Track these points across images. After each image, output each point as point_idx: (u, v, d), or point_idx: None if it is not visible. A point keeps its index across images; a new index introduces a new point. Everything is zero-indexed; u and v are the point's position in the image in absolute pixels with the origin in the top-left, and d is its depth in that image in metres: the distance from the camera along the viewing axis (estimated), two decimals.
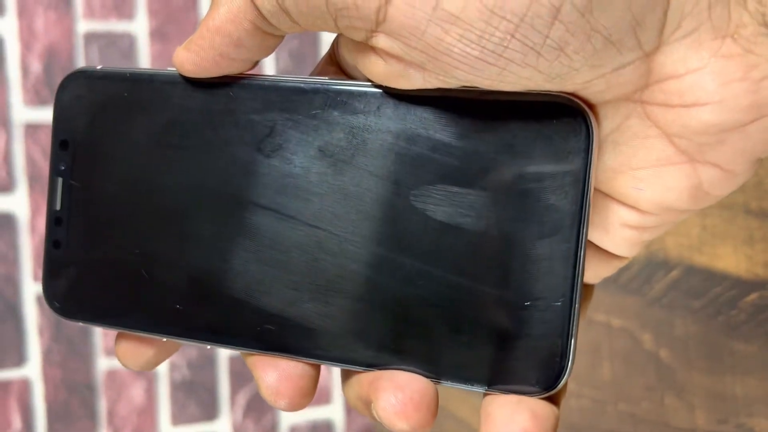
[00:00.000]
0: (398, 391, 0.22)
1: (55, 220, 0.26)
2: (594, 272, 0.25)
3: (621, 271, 0.42)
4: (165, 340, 0.26)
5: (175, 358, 0.85)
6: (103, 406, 0.83)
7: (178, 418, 0.85)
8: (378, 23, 0.20)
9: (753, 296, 0.34)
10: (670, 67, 0.20)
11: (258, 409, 0.87)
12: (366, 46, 0.21)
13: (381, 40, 0.20)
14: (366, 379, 0.23)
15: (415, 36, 0.20)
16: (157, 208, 0.25)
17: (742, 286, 0.35)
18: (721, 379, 0.37)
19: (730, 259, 0.35)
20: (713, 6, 0.19)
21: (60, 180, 0.26)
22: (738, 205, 0.35)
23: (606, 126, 0.22)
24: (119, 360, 0.27)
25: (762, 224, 0.34)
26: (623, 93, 0.21)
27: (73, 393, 0.82)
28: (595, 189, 0.23)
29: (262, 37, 0.22)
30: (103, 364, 0.83)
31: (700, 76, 0.20)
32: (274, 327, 0.24)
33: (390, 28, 0.20)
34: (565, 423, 0.49)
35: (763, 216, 0.33)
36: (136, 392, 0.84)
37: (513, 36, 0.19)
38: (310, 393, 0.24)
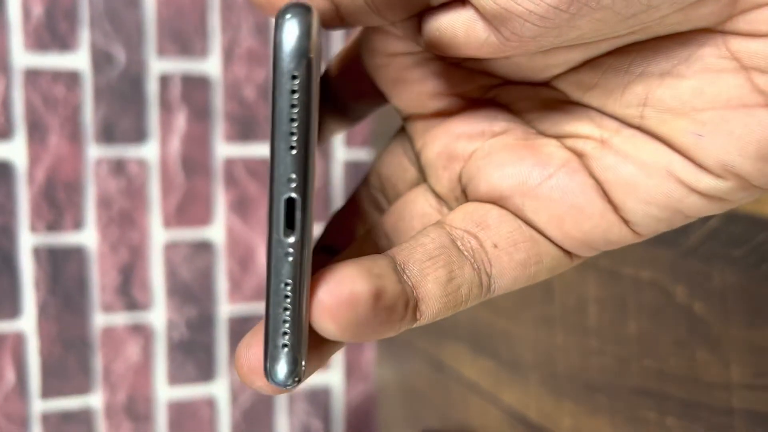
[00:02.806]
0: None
1: None
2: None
3: None
4: None
5: (173, 316, 0.83)
6: (99, 363, 0.81)
7: (175, 378, 0.84)
8: None
9: None
10: None
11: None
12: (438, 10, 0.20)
13: None
14: None
15: None
16: None
17: None
18: (762, 331, 0.35)
19: None
20: None
21: None
22: None
23: (674, 56, 0.19)
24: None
25: None
26: (702, 26, 0.18)
27: (68, 349, 0.80)
28: (645, 131, 0.20)
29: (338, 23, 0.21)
30: (100, 320, 0.81)
31: None
32: None
33: None
34: (583, 381, 0.47)
35: None
36: (133, 350, 0.82)
37: None
38: None
